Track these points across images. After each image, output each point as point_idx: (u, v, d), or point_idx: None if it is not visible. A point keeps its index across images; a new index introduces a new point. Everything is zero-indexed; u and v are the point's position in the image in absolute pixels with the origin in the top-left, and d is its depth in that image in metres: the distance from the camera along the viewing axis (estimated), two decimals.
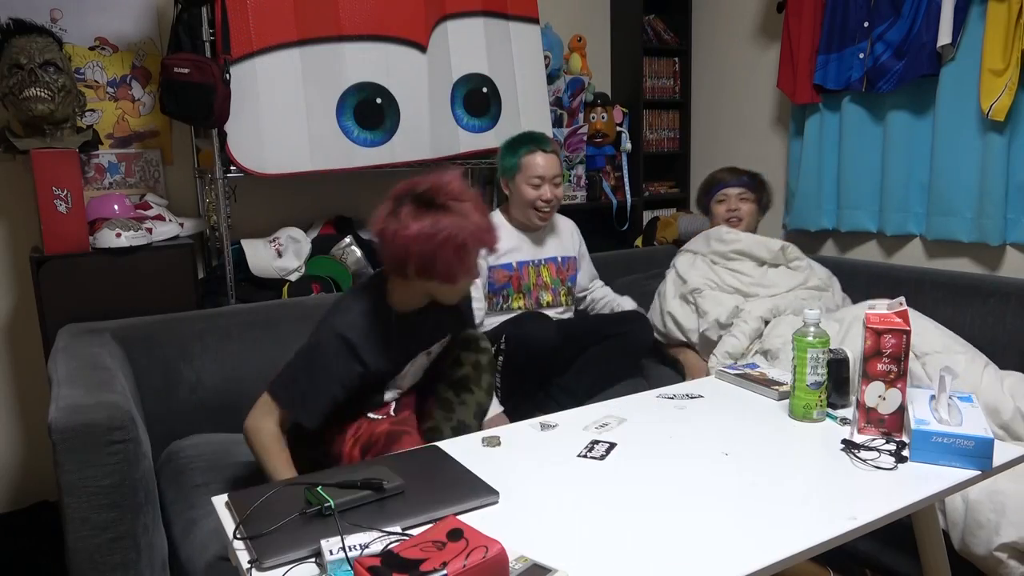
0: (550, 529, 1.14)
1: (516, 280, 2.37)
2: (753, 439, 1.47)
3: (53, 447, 1.35)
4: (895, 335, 1.42)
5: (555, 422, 1.60)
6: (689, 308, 2.58)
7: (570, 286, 2.51)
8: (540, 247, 2.45)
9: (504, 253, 2.37)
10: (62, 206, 2.07)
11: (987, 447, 1.31)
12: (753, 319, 2.40)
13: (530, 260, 2.42)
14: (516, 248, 2.40)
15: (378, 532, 1.07)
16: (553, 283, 2.45)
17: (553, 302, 2.46)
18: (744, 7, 3.25)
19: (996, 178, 2.36)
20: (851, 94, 2.73)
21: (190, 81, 2.13)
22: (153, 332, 2.07)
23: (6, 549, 2.22)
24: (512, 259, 2.38)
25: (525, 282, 2.39)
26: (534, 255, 2.44)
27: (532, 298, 2.41)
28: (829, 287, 2.57)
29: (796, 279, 2.54)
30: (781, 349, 2.28)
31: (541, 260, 2.44)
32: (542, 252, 2.45)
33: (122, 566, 1.41)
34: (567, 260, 2.50)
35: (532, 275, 2.40)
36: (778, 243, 2.59)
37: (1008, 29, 2.24)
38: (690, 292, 2.57)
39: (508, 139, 2.44)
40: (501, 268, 2.36)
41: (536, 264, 2.43)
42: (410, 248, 1.51)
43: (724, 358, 2.37)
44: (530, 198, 2.34)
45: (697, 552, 1.07)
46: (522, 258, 2.40)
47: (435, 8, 2.59)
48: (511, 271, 2.37)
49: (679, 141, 3.61)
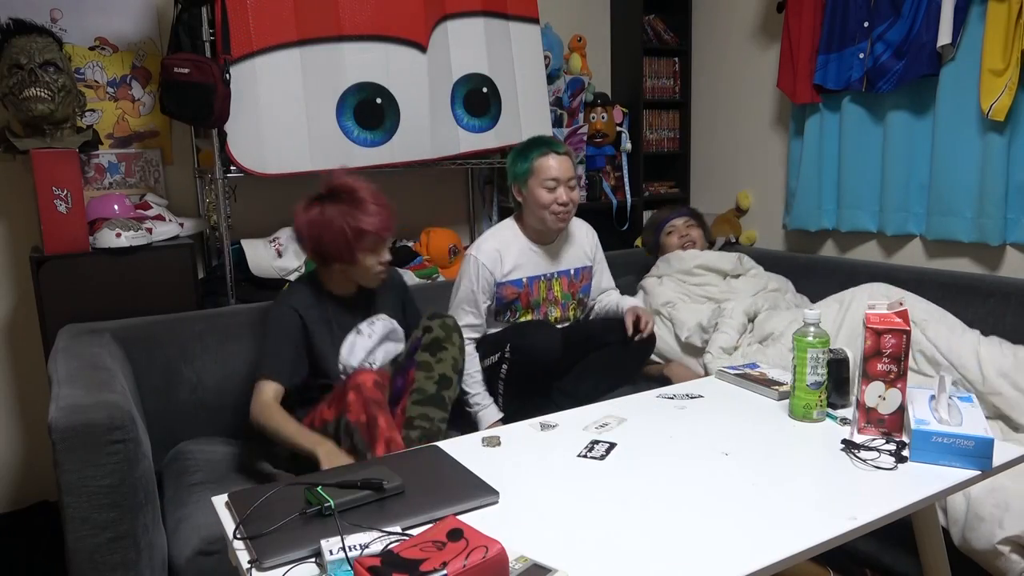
0: (550, 529, 1.14)
1: (525, 297, 2.30)
2: (753, 439, 1.47)
3: (53, 447, 1.35)
4: (895, 335, 1.42)
5: (555, 422, 1.60)
6: (664, 326, 2.63)
7: (581, 297, 2.43)
8: (553, 260, 2.35)
9: (514, 269, 2.27)
10: (62, 206, 2.07)
11: (987, 447, 1.31)
12: (738, 314, 2.48)
13: (541, 275, 2.33)
14: (527, 263, 2.30)
15: (378, 532, 1.07)
16: (564, 298, 2.38)
17: (561, 318, 2.39)
18: (744, 7, 3.25)
19: (996, 178, 2.36)
20: (851, 94, 2.73)
21: (190, 81, 2.13)
22: (153, 332, 2.07)
23: (6, 549, 2.23)
24: (522, 275, 2.29)
25: (534, 297, 2.31)
26: (546, 269, 2.34)
27: (540, 313, 2.34)
28: (788, 289, 2.77)
29: (758, 284, 2.70)
30: (783, 334, 2.33)
31: (553, 274, 2.35)
32: (554, 266, 2.35)
33: (122, 566, 1.41)
34: (580, 272, 2.41)
35: (543, 290, 2.32)
36: (734, 254, 2.81)
37: (1008, 29, 2.24)
38: (663, 305, 2.65)
39: (518, 145, 2.33)
40: (510, 284, 2.27)
41: (548, 278, 2.34)
42: (303, 234, 1.84)
43: (719, 353, 2.38)
44: (545, 202, 2.21)
45: (697, 552, 1.07)
46: (532, 273, 2.31)
47: (435, 8, 2.59)
48: (520, 287, 2.28)
49: (679, 141, 3.61)
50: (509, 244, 2.28)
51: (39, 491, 2.54)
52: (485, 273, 2.22)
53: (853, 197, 2.80)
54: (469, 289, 2.23)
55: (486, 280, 2.23)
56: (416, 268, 2.71)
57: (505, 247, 2.26)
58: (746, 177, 3.34)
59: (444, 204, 3.18)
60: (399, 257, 2.73)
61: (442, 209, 3.17)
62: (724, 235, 3.27)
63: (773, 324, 2.42)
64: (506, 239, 2.29)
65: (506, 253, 2.26)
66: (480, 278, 2.22)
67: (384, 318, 2.00)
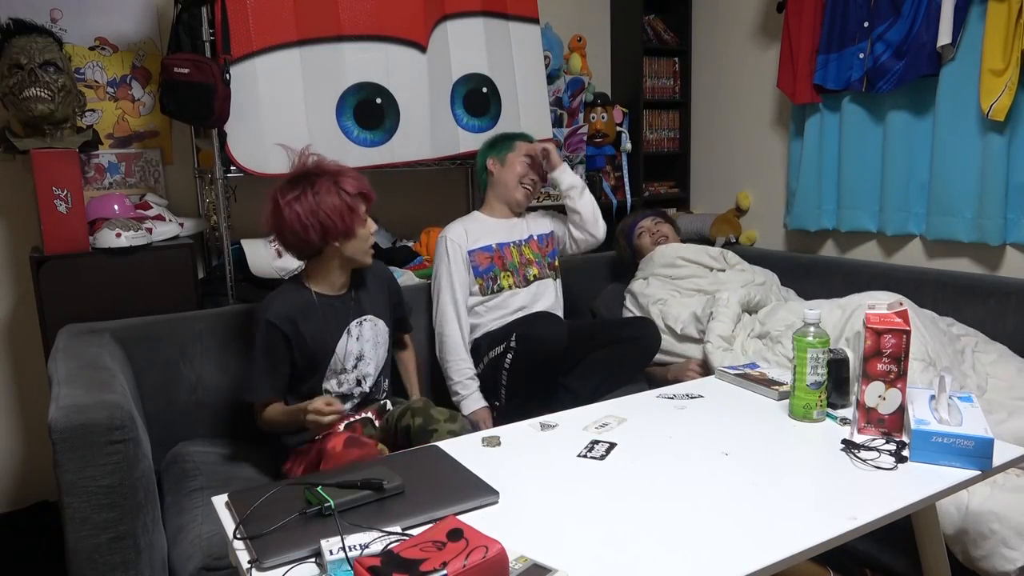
0: (550, 529, 1.14)
1: (499, 259, 2.38)
2: (753, 439, 1.47)
3: (53, 447, 1.35)
4: (895, 335, 1.42)
5: (555, 422, 1.60)
6: (660, 322, 2.62)
7: (551, 260, 2.51)
8: (518, 230, 2.47)
9: (481, 237, 2.38)
10: (62, 206, 2.07)
11: (987, 447, 1.31)
12: (732, 303, 2.47)
13: (511, 241, 2.43)
14: (493, 232, 2.42)
15: (378, 532, 1.07)
16: (537, 257, 2.47)
17: (540, 274, 2.46)
18: (744, 7, 3.25)
19: (996, 178, 2.36)
20: (851, 94, 2.73)
21: (190, 81, 2.13)
22: (153, 332, 2.07)
23: (6, 549, 2.23)
24: (491, 240, 2.40)
25: (510, 260, 2.40)
26: (514, 237, 2.45)
27: (520, 275, 2.41)
28: (773, 282, 2.75)
29: (746, 278, 2.68)
30: (783, 334, 2.30)
31: (522, 240, 2.46)
32: (521, 234, 2.47)
33: (122, 566, 1.41)
34: (544, 237, 2.51)
35: (515, 254, 2.42)
36: (716, 249, 2.81)
37: (1008, 29, 2.24)
38: (654, 304, 2.65)
39: (499, 134, 2.53)
40: (480, 251, 2.37)
41: (517, 244, 2.45)
42: (296, 225, 1.78)
43: (719, 342, 2.37)
44: (520, 172, 2.41)
45: (697, 552, 1.07)
46: (501, 240, 2.42)
47: (435, 8, 2.59)
48: (491, 252, 2.38)
49: (679, 141, 3.61)
50: (474, 222, 2.44)
51: (39, 491, 2.54)
52: (454, 248, 2.33)
53: (853, 197, 2.80)
54: (446, 271, 2.32)
55: (458, 254, 2.33)
56: (416, 268, 2.71)
57: (470, 224, 2.41)
58: (746, 177, 3.34)
59: (444, 204, 3.18)
60: (399, 257, 2.73)
61: (442, 209, 3.17)
62: (724, 235, 3.27)
63: (773, 323, 2.40)
64: (470, 219, 2.45)
65: (471, 228, 2.40)
66: (451, 252, 2.33)
67: (371, 319, 1.98)
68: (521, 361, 2.16)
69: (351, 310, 1.94)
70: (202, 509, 1.65)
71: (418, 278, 2.66)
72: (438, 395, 2.35)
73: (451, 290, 2.31)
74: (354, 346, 1.93)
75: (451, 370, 2.27)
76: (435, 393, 2.37)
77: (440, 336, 2.31)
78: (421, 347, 2.38)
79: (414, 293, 2.49)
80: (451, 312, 2.29)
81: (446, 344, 2.29)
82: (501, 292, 2.37)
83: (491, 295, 2.37)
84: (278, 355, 1.82)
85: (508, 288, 2.38)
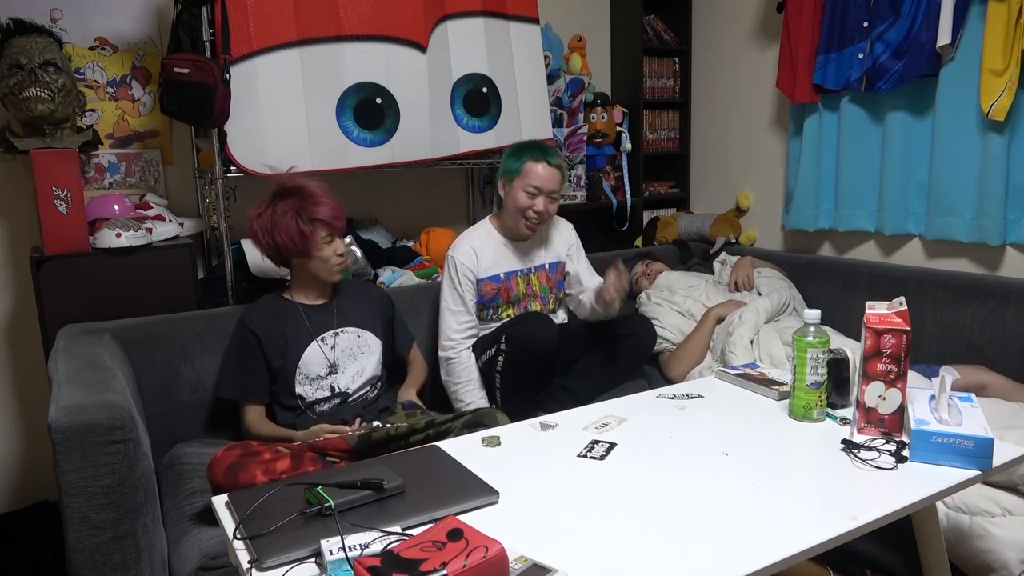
0: (550, 529, 1.14)
1: (504, 292, 2.33)
2: (753, 439, 1.47)
3: (53, 447, 1.35)
4: (895, 335, 1.42)
5: (555, 422, 1.60)
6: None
7: (558, 293, 2.46)
8: (528, 256, 2.39)
9: (491, 265, 2.31)
10: (62, 206, 2.07)
11: (987, 447, 1.31)
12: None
13: (518, 270, 2.36)
14: (503, 259, 2.34)
15: (378, 532, 1.07)
16: (542, 291, 2.41)
17: (543, 309, 2.42)
18: (744, 7, 3.25)
19: (996, 178, 2.36)
20: (850, 94, 2.73)
21: (190, 81, 2.13)
22: (153, 332, 2.07)
23: (6, 549, 2.23)
24: (500, 270, 2.32)
25: (514, 292, 2.35)
26: (523, 265, 2.37)
27: (521, 308, 2.38)
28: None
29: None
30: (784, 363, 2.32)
31: (531, 269, 2.38)
32: (531, 261, 2.39)
33: (122, 566, 1.41)
34: (556, 267, 2.44)
35: (521, 285, 2.36)
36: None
37: (1008, 29, 2.24)
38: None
39: (517, 143, 2.37)
40: (489, 280, 2.31)
41: (525, 273, 2.37)
42: (258, 236, 1.95)
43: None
44: (522, 205, 2.25)
45: (697, 552, 1.07)
46: (509, 269, 2.35)
47: (435, 8, 2.59)
48: (498, 283, 2.32)
49: (679, 141, 3.61)
50: (484, 243, 2.33)
51: (39, 491, 2.53)
52: (464, 270, 2.27)
53: (852, 197, 2.80)
54: (453, 288, 2.27)
55: (466, 277, 2.27)
56: (416, 268, 2.70)
57: (481, 246, 2.32)
58: (746, 177, 3.34)
59: (444, 204, 3.18)
60: (399, 257, 2.73)
61: (442, 209, 3.17)
62: (724, 235, 3.27)
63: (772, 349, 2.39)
64: (481, 238, 2.34)
65: (482, 252, 2.31)
66: (460, 275, 2.27)
67: (352, 331, 2.04)
68: (513, 362, 2.16)
69: (329, 320, 2.03)
70: (201, 510, 1.65)
71: (418, 278, 2.66)
72: (438, 396, 2.35)
73: (459, 315, 2.27)
74: (327, 355, 2.00)
75: (459, 392, 2.26)
76: (436, 396, 2.37)
77: (445, 361, 2.29)
78: (421, 348, 2.38)
79: (414, 293, 2.49)
80: (456, 337, 2.27)
81: (453, 370, 2.27)
82: (499, 320, 2.36)
83: (488, 321, 2.36)
84: (250, 355, 1.96)
85: (507, 317, 2.37)
